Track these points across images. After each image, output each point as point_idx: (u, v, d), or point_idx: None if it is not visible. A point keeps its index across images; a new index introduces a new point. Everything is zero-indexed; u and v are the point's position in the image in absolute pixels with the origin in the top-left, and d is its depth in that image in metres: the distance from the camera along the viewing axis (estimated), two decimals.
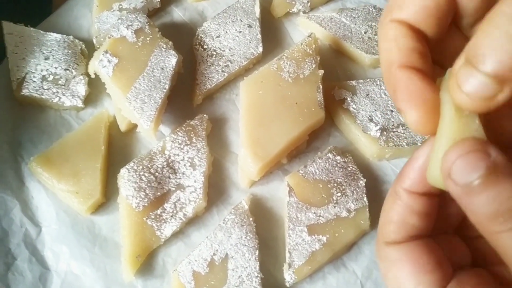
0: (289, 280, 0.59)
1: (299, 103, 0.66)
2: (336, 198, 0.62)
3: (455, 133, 0.31)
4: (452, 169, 0.30)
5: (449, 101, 0.32)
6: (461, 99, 0.30)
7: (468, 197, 0.30)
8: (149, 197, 0.61)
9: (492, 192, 0.29)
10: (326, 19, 0.77)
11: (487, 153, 0.29)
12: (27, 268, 0.59)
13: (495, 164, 0.29)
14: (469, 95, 0.30)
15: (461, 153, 0.30)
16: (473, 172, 0.29)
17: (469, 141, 0.30)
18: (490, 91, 0.29)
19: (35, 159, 0.63)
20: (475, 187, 0.29)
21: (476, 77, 0.29)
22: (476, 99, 0.30)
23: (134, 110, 0.63)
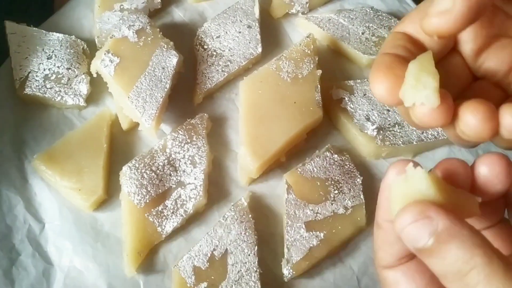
0: (287, 275, 0.60)
1: (298, 103, 0.68)
2: (334, 195, 0.64)
3: (405, 194, 0.32)
4: (402, 235, 0.32)
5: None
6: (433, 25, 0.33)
7: (420, 256, 0.32)
8: (151, 194, 0.62)
9: (439, 257, 0.30)
10: (324, 20, 0.78)
11: (430, 218, 0.31)
12: (31, 264, 0.60)
13: (438, 230, 0.30)
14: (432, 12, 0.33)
15: (407, 222, 0.31)
16: (420, 239, 0.31)
17: (413, 208, 0.31)
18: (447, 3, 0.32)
19: (38, 157, 0.64)
20: (424, 251, 0.31)
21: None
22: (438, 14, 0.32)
23: (135, 109, 0.65)
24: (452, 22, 0.32)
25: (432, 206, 0.31)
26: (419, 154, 0.71)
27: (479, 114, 0.33)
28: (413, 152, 0.70)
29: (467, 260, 0.29)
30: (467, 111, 0.33)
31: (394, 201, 0.33)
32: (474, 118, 0.33)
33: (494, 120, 0.33)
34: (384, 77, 0.34)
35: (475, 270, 0.29)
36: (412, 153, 0.71)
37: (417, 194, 0.32)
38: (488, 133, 0.33)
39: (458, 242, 0.30)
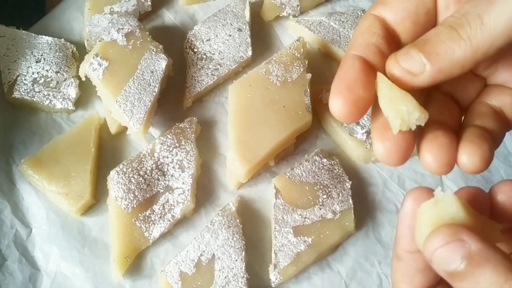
0: (275, 281, 0.60)
1: (287, 107, 0.67)
2: (322, 200, 0.64)
3: (435, 217, 0.32)
4: (432, 259, 0.31)
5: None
6: (393, 70, 0.34)
7: (451, 281, 0.31)
8: (138, 199, 0.62)
9: (471, 281, 0.30)
10: (315, 23, 0.78)
11: (463, 240, 0.30)
12: (17, 269, 0.60)
13: (471, 253, 0.30)
14: (400, 67, 0.34)
15: (438, 245, 0.31)
16: (452, 263, 0.30)
17: (445, 231, 0.31)
18: (418, 67, 0.33)
19: (25, 161, 0.64)
20: (456, 275, 0.30)
21: (411, 54, 0.34)
22: (404, 72, 0.34)
23: (123, 113, 0.64)
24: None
25: (464, 229, 0.31)
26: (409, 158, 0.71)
27: (439, 159, 0.34)
28: None
29: (501, 284, 0.29)
30: (428, 154, 0.34)
31: (423, 225, 0.32)
32: (435, 162, 0.34)
33: (451, 163, 0.34)
34: (343, 100, 0.34)
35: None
36: None
37: (447, 217, 0.31)
38: (446, 173, 0.35)
39: (492, 265, 0.29)
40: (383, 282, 0.63)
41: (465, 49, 0.32)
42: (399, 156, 0.34)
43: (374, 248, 0.65)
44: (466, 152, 0.34)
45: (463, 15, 0.33)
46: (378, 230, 0.66)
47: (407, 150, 0.34)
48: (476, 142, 0.34)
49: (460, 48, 0.32)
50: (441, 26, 0.33)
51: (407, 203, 0.35)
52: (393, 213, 0.67)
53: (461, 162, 0.34)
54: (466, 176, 0.70)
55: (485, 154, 0.34)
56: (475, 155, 0.34)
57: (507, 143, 0.73)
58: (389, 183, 0.69)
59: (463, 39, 0.32)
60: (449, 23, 0.33)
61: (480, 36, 0.32)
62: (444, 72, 0.33)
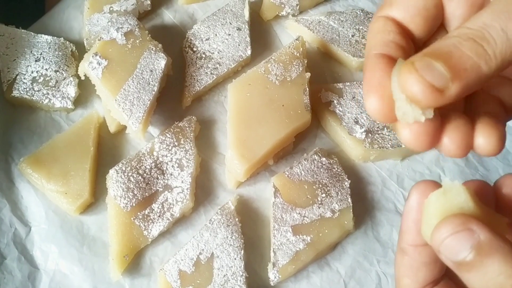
0: (273, 279, 0.60)
1: (286, 106, 0.67)
2: (321, 199, 0.64)
3: (443, 207, 0.32)
4: (441, 248, 0.31)
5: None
6: (414, 86, 0.30)
7: (459, 271, 0.31)
8: (137, 197, 0.62)
9: (480, 270, 0.30)
10: (314, 23, 0.78)
11: (472, 230, 0.30)
12: (16, 267, 0.60)
13: (480, 242, 0.30)
14: (424, 81, 0.30)
15: (447, 234, 0.31)
16: (460, 252, 0.30)
17: (453, 220, 0.31)
18: (443, 82, 0.30)
19: (25, 160, 0.64)
20: (465, 265, 0.30)
21: (434, 67, 0.30)
22: (429, 87, 0.30)
23: (123, 112, 0.64)
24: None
25: (473, 218, 0.31)
26: (408, 157, 0.71)
27: (456, 141, 0.33)
28: (401, 155, 0.70)
29: (509, 274, 0.29)
30: (446, 137, 0.33)
31: (431, 215, 0.32)
32: (452, 144, 0.33)
33: (469, 145, 0.33)
34: (378, 98, 0.33)
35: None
36: (400, 156, 0.70)
37: (455, 207, 0.32)
38: (462, 156, 0.34)
39: (501, 256, 0.29)
40: (382, 281, 0.63)
41: (491, 66, 0.30)
42: (426, 140, 0.33)
43: (373, 247, 0.65)
44: (484, 135, 0.33)
45: (484, 28, 0.31)
46: (377, 229, 0.66)
47: (434, 133, 0.33)
48: (492, 124, 0.33)
49: (486, 64, 0.30)
50: (458, 38, 0.31)
51: (413, 196, 0.35)
52: (392, 212, 0.67)
53: (478, 144, 0.33)
54: (464, 175, 0.70)
55: (502, 134, 0.33)
56: (492, 137, 0.33)
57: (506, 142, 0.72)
58: (388, 182, 0.69)
59: (489, 55, 0.30)
60: (468, 35, 0.31)
61: (506, 53, 0.30)
62: (469, 88, 0.31)
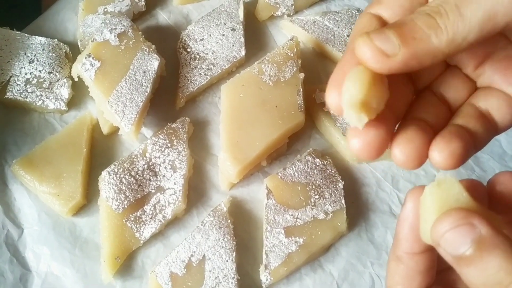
0: (265, 281, 0.59)
1: (279, 106, 0.67)
2: (314, 200, 0.63)
3: (440, 200, 0.32)
4: (441, 242, 0.31)
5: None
6: (364, 49, 0.32)
7: (458, 266, 0.31)
8: (129, 199, 0.62)
9: (479, 266, 0.30)
10: (309, 23, 0.78)
11: (473, 225, 0.30)
12: (8, 269, 0.60)
13: (481, 237, 0.30)
14: (374, 46, 0.32)
15: (448, 227, 0.30)
16: (460, 246, 0.30)
17: (455, 214, 0.31)
18: (392, 48, 0.32)
19: (17, 162, 0.64)
20: (464, 259, 0.30)
21: (386, 35, 0.32)
22: (377, 52, 0.32)
23: (115, 113, 0.64)
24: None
25: (475, 213, 0.30)
26: None
27: (406, 153, 0.34)
28: None
29: (509, 271, 0.29)
30: (396, 148, 0.34)
31: (428, 210, 0.32)
32: (402, 155, 0.34)
33: (422, 158, 0.34)
34: (339, 94, 0.33)
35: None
36: None
37: (451, 200, 0.32)
38: (414, 168, 0.34)
39: (501, 251, 0.29)
40: (375, 283, 0.63)
41: (441, 38, 0.32)
42: (373, 150, 0.34)
43: (366, 249, 0.64)
44: (437, 148, 0.34)
45: (440, 4, 0.32)
46: (371, 231, 0.66)
47: (381, 144, 0.34)
48: (447, 138, 0.34)
49: (436, 36, 0.32)
50: (418, 14, 0.33)
51: (409, 203, 0.35)
52: (387, 214, 0.67)
53: (431, 157, 0.34)
54: (460, 176, 0.69)
55: (456, 151, 0.33)
56: (444, 151, 0.33)
57: (502, 143, 0.72)
58: (382, 183, 0.69)
59: (440, 28, 0.32)
60: (426, 11, 0.32)
61: (457, 27, 0.31)
62: (417, 58, 0.32)
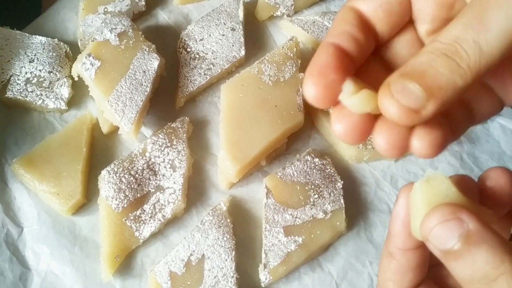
0: (264, 281, 0.60)
1: (279, 106, 0.67)
2: (313, 200, 0.63)
3: (429, 195, 0.32)
4: (429, 237, 0.31)
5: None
6: (390, 109, 0.31)
7: (446, 260, 0.31)
8: (129, 198, 0.62)
9: (467, 260, 0.30)
10: (309, 23, 0.78)
11: (461, 219, 0.30)
12: (8, 268, 0.60)
13: (469, 232, 0.30)
14: (399, 105, 0.30)
15: (436, 222, 0.31)
16: (448, 241, 0.30)
17: (443, 209, 0.31)
18: (419, 103, 0.30)
19: (17, 161, 0.64)
20: (452, 254, 0.30)
21: (409, 88, 0.30)
22: (405, 110, 0.30)
23: (115, 113, 0.64)
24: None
25: (463, 208, 0.31)
26: (402, 158, 0.71)
27: (388, 140, 0.33)
28: None
29: (497, 265, 0.29)
30: (379, 136, 0.34)
31: (418, 206, 0.33)
32: (384, 143, 0.33)
33: (403, 147, 0.33)
34: (314, 84, 0.33)
35: (504, 277, 0.29)
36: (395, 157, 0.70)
37: (440, 195, 0.32)
38: (396, 155, 0.34)
39: (488, 246, 0.29)
40: (374, 283, 0.63)
41: (466, 79, 0.30)
42: (356, 135, 0.34)
43: (365, 248, 0.65)
44: (417, 136, 0.33)
45: (455, 41, 0.31)
46: (370, 230, 0.66)
47: (365, 128, 0.34)
48: (428, 127, 0.33)
49: (461, 78, 0.30)
50: (432, 54, 0.31)
51: (402, 199, 0.36)
52: (386, 213, 0.67)
53: (412, 146, 0.34)
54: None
55: (436, 140, 0.33)
56: (425, 140, 0.33)
57: (501, 143, 0.72)
58: (381, 183, 0.69)
59: (463, 69, 0.30)
60: (442, 51, 0.31)
61: (479, 63, 0.30)
62: (446, 104, 0.31)
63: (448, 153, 0.71)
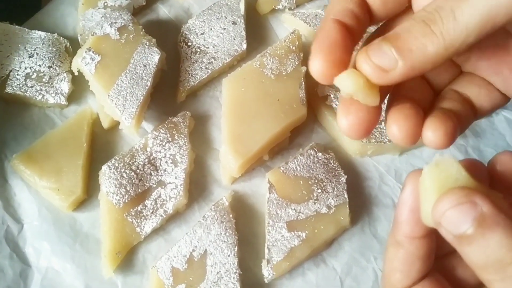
0: (267, 276, 0.59)
1: (281, 100, 0.66)
2: (317, 194, 0.63)
3: (439, 180, 0.32)
4: (442, 221, 0.31)
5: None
6: (363, 66, 0.33)
7: (459, 245, 0.30)
8: (130, 194, 0.61)
9: (481, 244, 0.29)
10: (311, 16, 0.77)
11: (475, 203, 0.30)
12: (8, 265, 0.59)
13: (483, 215, 0.29)
14: (372, 63, 0.32)
15: (449, 206, 0.30)
16: (462, 224, 0.30)
17: (457, 192, 0.31)
18: (390, 63, 0.32)
19: (17, 157, 0.63)
20: (465, 238, 0.30)
21: (383, 49, 0.32)
22: (376, 68, 0.32)
23: (116, 107, 0.64)
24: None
25: (477, 191, 0.30)
26: (406, 152, 0.70)
27: (404, 129, 0.35)
28: (399, 150, 0.69)
29: (511, 248, 0.28)
30: (394, 125, 0.35)
31: (428, 191, 0.32)
32: (400, 132, 0.35)
33: (416, 135, 0.35)
34: (323, 60, 0.34)
35: None
36: (399, 151, 0.69)
37: (450, 179, 0.31)
38: (410, 144, 0.35)
39: (503, 229, 0.29)
40: (378, 278, 0.62)
41: (438, 45, 0.31)
42: (361, 130, 0.35)
43: (370, 243, 0.64)
44: (431, 127, 0.34)
45: (436, 9, 0.32)
46: (374, 225, 0.65)
47: (369, 124, 0.35)
48: (441, 118, 0.35)
49: (432, 44, 0.31)
50: (413, 21, 0.33)
51: (408, 185, 0.35)
52: (390, 208, 0.66)
53: (426, 137, 0.35)
54: None
55: (449, 130, 0.34)
56: (439, 130, 0.34)
57: (507, 137, 0.71)
58: (385, 177, 0.68)
59: (435, 35, 0.31)
60: (422, 18, 0.32)
61: (453, 32, 0.31)
62: (416, 68, 0.32)
63: (453, 146, 0.70)
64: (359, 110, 0.35)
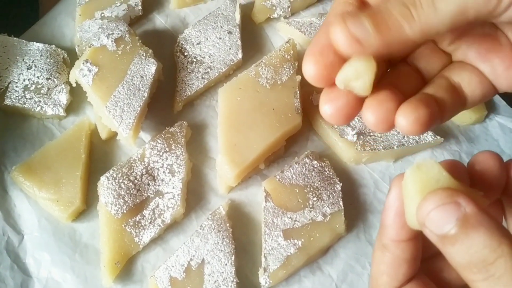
0: (264, 284, 0.60)
1: (276, 109, 0.67)
2: (312, 202, 0.63)
3: (421, 182, 0.32)
4: (426, 222, 0.31)
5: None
6: (338, 34, 0.33)
7: (443, 246, 0.31)
8: (128, 204, 0.62)
9: (464, 244, 0.30)
10: (306, 24, 0.78)
11: (458, 203, 0.30)
12: (9, 276, 0.60)
13: (466, 215, 0.30)
14: (347, 31, 0.33)
15: (432, 206, 0.31)
16: (445, 225, 0.30)
17: (440, 193, 0.31)
18: (365, 35, 0.33)
19: (16, 168, 0.64)
20: (449, 238, 0.30)
21: (361, 21, 0.33)
22: (350, 37, 0.33)
23: (113, 119, 0.65)
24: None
25: (460, 192, 0.31)
26: (401, 159, 0.71)
27: (376, 115, 0.35)
28: (394, 157, 0.70)
29: (494, 248, 0.29)
30: (367, 110, 0.36)
31: (411, 193, 0.33)
32: (372, 117, 0.35)
33: (390, 121, 0.35)
34: (314, 63, 0.35)
35: (502, 259, 0.29)
36: (393, 158, 0.70)
37: (432, 180, 0.32)
38: (384, 130, 0.36)
39: (486, 229, 0.29)
40: None
41: (414, 29, 0.32)
42: (342, 116, 0.36)
43: (365, 250, 0.65)
44: (403, 113, 0.35)
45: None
46: (369, 232, 0.66)
47: (351, 110, 0.36)
48: (414, 105, 0.35)
49: (409, 26, 0.32)
50: (394, 1, 0.33)
51: (393, 190, 0.36)
52: None
53: (396, 122, 0.35)
54: None
55: (421, 117, 0.34)
56: (410, 117, 0.34)
57: (500, 142, 0.72)
58: (380, 184, 0.69)
59: (413, 18, 0.32)
60: (402, 0, 0.33)
61: (430, 18, 0.32)
62: (389, 46, 0.33)
63: (447, 152, 0.71)
64: (340, 98, 0.35)
